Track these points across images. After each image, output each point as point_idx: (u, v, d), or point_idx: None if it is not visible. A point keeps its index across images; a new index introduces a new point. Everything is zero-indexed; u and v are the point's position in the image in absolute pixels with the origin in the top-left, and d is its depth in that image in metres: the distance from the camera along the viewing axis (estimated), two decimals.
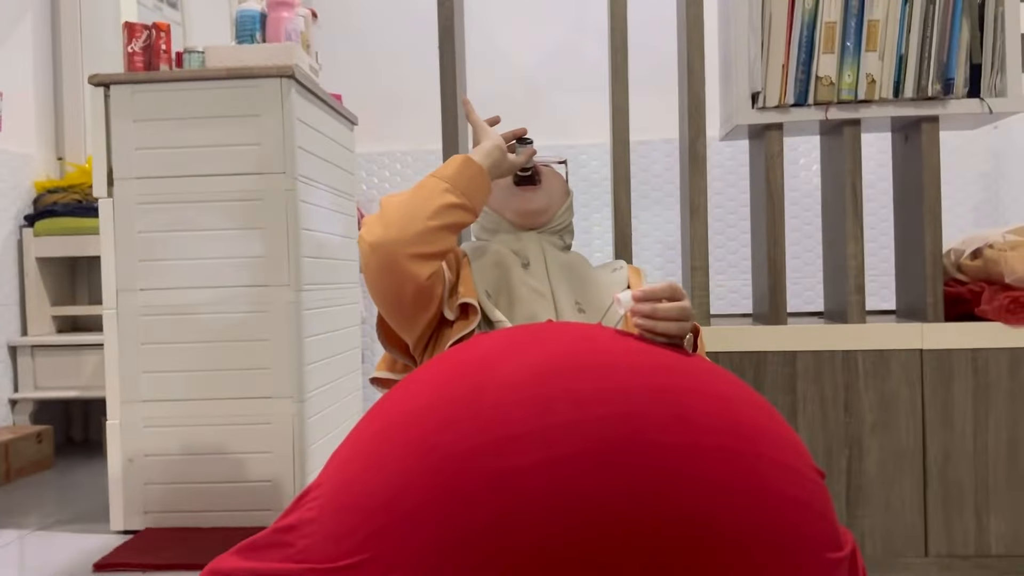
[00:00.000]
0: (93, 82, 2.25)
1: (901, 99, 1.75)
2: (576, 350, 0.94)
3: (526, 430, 0.83)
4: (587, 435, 0.81)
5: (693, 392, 0.90)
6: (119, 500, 2.25)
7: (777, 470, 0.88)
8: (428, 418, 0.89)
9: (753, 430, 0.90)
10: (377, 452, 0.90)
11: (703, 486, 0.80)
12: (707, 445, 0.84)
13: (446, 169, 1.28)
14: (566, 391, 0.86)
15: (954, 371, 1.66)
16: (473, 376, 0.92)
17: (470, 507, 0.79)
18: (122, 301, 2.25)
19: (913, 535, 1.66)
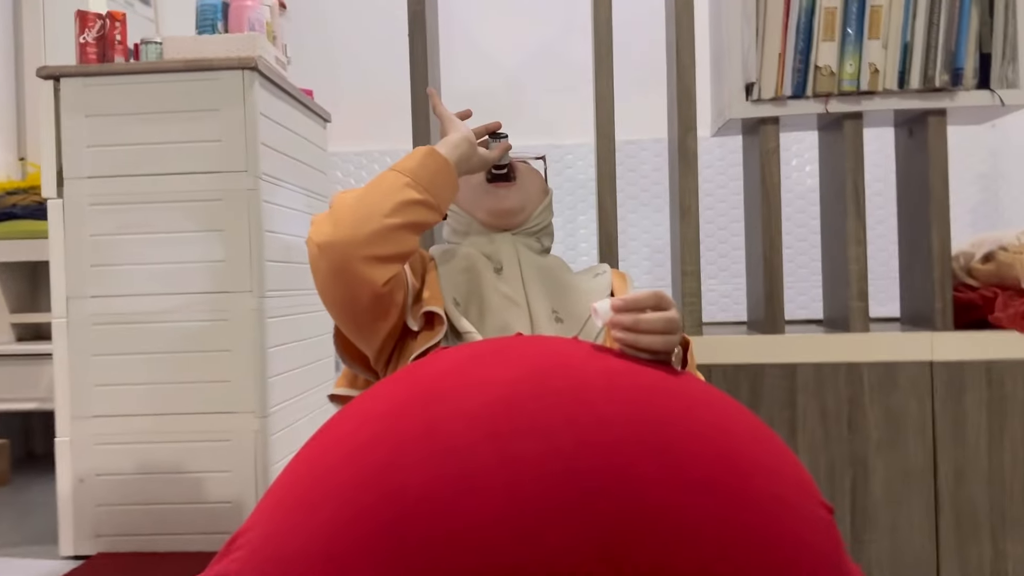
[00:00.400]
0: (41, 75, 2.10)
1: (906, 90, 1.62)
2: (545, 371, 0.81)
3: (484, 470, 0.69)
4: (554, 473, 0.68)
5: (679, 419, 0.77)
6: (69, 523, 2.09)
7: (776, 507, 0.74)
8: (369, 456, 0.75)
9: (749, 462, 0.76)
10: (308, 496, 0.76)
11: (689, 530, 0.67)
12: (692, 480, 0.70)
13: (407, 161, 1.14)
14: (532, 423, 0.73)
15: (966, 384, 1.53)
16: (424, 404, 0.78)
17: (415, 569, 0.65)
18: (72, 309, 2.09)
19: (923, 562, 1.52)
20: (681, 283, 1.67)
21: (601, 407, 0.75)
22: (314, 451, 0.84)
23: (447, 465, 0.70)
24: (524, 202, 1.31)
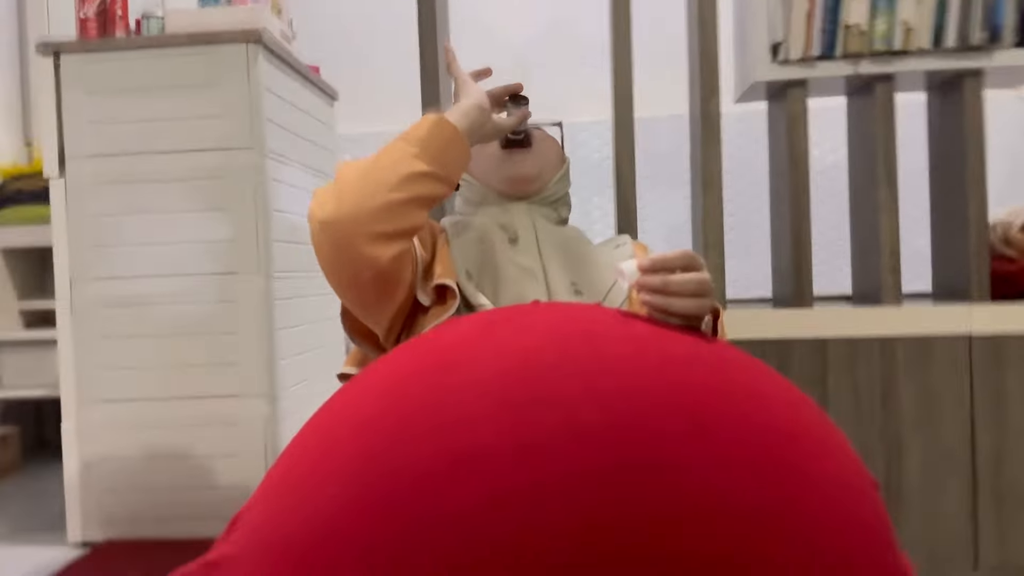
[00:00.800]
0: (41, 50, 2.04)
1: (941, 49, 1.54)
2: (564, 338, 0.74)
3: (496, 444, 0.62)
4: (573, 451, 0.61)
5: (715, 392, 0.70)
6: (76, 510, 2.05)
7: (821, 485, 0.68)
8: (374, 431, 0.69)
9: (792, 436, 0.70)
10: (309, 474, 0.70)
11: (727, 512, 0.60)
12: (732, 459, 0.64)
13: (416, 131, 1.06)
14: (550, 394, 0.66)
15: (1007, 359, 1.45)
16: (433, 375, 0.72)
17: (421, 550, 0.59)
18: (76, 292, 2.04)
19: (961, 545, 1.45)
20: (704, 256, 1.59)
21: (627, 377, 0.69)
22: (319, 427, 0.79)
23: (454, 438, 0.64)
24: (541, 169, 1.23)
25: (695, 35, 1.60)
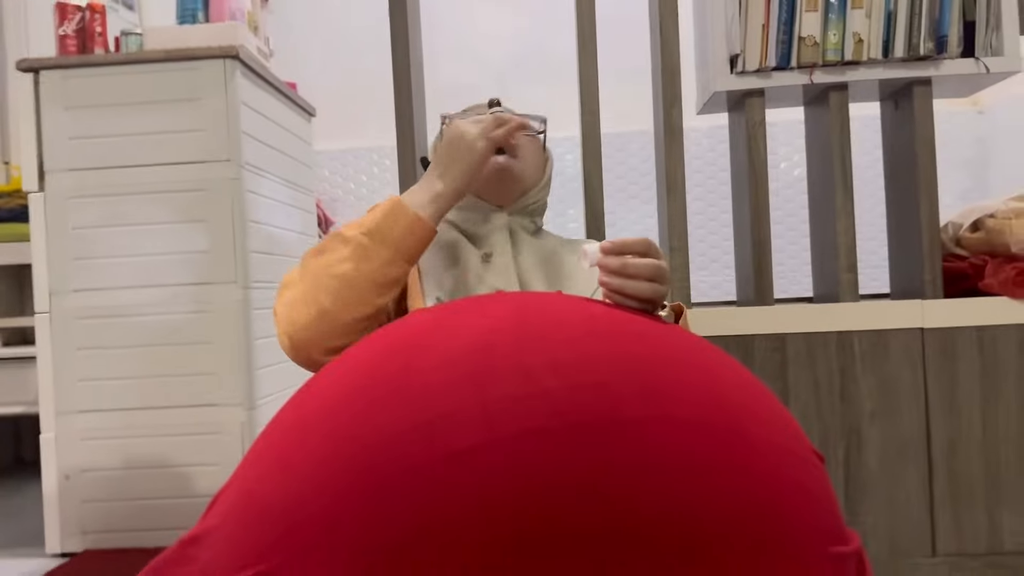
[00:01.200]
0: (21, 67, 2.08)
1: (891, 59, 1.62)
2: (524, 318, 0.79)
3: (461, 409, 0.67)
4: (535, 410, 0.66)
5: (666, 361, 0.75)
6: (55, 520, 2.06)
7: (767, 449, 0.72)
8: (346, 406, 0.73)
9: (738, 405, 0.74)
10: (286, 448, 0.74)
11: (678, 467, 0.65)
12: (683, 419, 0.68)
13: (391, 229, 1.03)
14: (510, 364, 0.71)
15: (958, 351, 1.51)
16: (401, 354, 0.76)
17: (392, 503, 0.63)
18: (55, 304, 2.07)
19: (919, 533, 1.51)
20: (669, 259, 1.65)
21: (584, 348, 0.74)
22: (292, 409, 0.83)
23: (421, 407, 0.68)
24: (522, 174, 1.20)
25: (657, 47, 1.67)
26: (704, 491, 0.66)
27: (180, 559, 0.80)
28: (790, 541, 0.68)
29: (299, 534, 0.67)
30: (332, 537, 0.65)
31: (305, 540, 0.66)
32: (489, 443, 0.64)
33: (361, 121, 3.49)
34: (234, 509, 0.76)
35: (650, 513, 0.63)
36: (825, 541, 0.72)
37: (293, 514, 0.68)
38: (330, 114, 3.27)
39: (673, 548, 0.62)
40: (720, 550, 0.64)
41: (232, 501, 0.77)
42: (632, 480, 0.64)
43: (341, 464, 0.68)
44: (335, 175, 3.51)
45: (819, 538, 0.72)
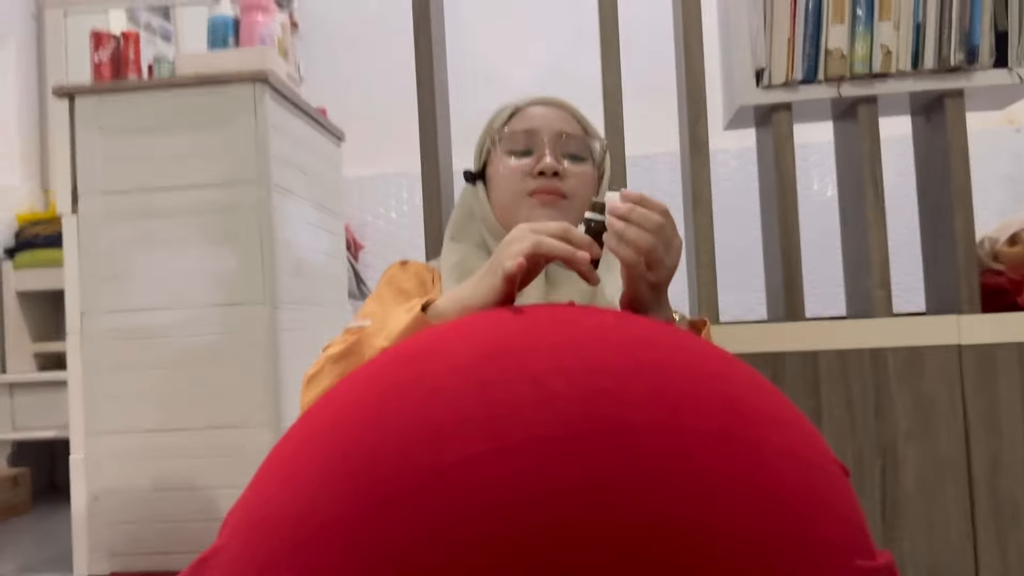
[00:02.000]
0: (57, 93, 2.13)
1: (921, 71, 1.59)
2: (536, 326, 0.77)
3: (468, 417, 0.65)
4: (544, 418, 0.64)
5: (681, 369, 0.72)
6: (83, 542, 2.07)
7: (787, 461, 0.69)
8: (355, 416, 0.72)
9: (756, 415, 0.71)
10: (293, 461, 0.73)
11: (692, 478, 0.62)
12: (697, 428, 0.66)
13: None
14: (520, 371, 0.69)
15: (999, 368, 1.46)
16: (412, 363, 0.75)
17: (397, 513, 0.61)
18: (87, 324, 2.09)
19: (961, 558, 1.45)
20: (696, 275, 1.62)
21: (595, 356, 0.72)
22: (302, 423, 0.82)
23: (431, 409, 0.67)
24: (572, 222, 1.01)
25: (681, 60, 1.66)
26: (719, 503, 0.63)
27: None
28: (811, 555, 0.65)
29: (307, 549, 0.66)
30: (341, 551, 0.63)
31: (313, 555, 0.65)
32: (497, 450, 0.63)
33: (390, 147, 3.52)
34: (241, 526, 0.75)
35: (661, 525, 0.61)
36: (849, 555, 0.68)
37: (300, 530, 0.67)
38: (359, 140, 3.30)
39: (685, 562, 0.60)
40: (736, 565, 0.61)
41: (240, 518, 0.76)
42: (642, 491, 0.62)
43: (348, 476, 0.67)
44: (364, 200, 3.53)
45: (842, 552, 0.68)
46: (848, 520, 0.71)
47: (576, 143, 1.11)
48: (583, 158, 1.11)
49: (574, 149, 1.11)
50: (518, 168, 1.09)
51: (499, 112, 1.19)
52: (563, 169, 1.08)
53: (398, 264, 1.19)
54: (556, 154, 1.08)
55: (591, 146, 1.13)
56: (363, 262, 3.47)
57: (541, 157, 1.08)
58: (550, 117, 1.13)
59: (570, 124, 1.13)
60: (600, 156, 1.14)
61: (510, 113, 1.17)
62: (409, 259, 1.20)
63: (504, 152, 1.12)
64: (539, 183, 1.07)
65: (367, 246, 3.52)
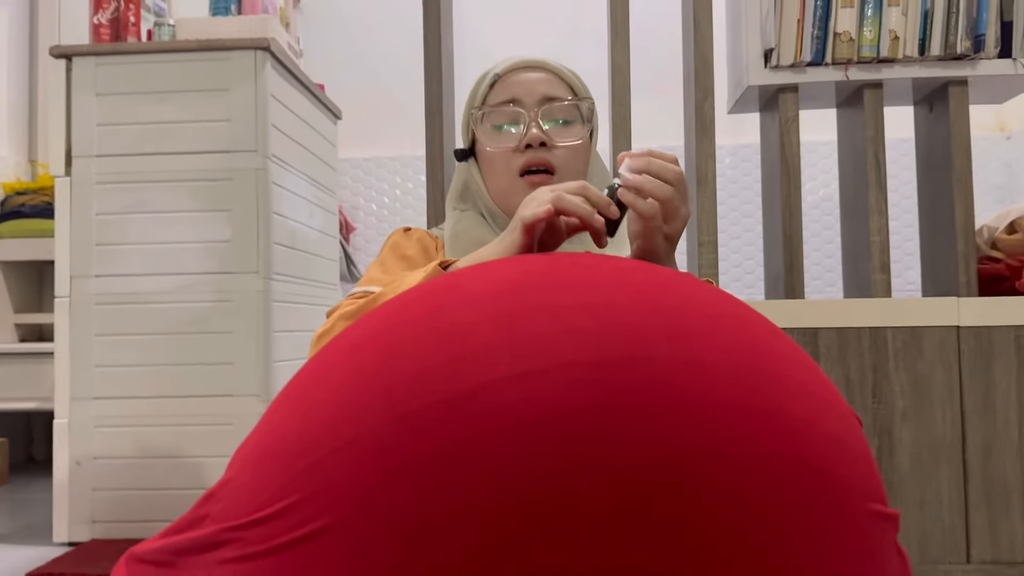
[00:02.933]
0: (54, 54, 2.09)
1: (927, 58, 1.60)
2: (556, 266, 0.76)
3: (489, 344, 0.64)
4: (565, 347, 0.63)
5: (698, 309, 0.72)
6: (64, 508, 2.03)
7: (804, 397, 0.68)
8: (373, 345, 0.70)
9: (772, 353, 0.71)
10: (307, 393, 0.71)
11: (712, 407, 0.61)
12: (714, 361, 0.65)
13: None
14: (540, 304, 0.68)
15: (995, 350, 1.47)
16: (430, 297, 0.74)
17: (417, 434, 0.60)
18: (75, 288, 2.06)
19: (953, 538, 1.45)
20: (698, 255, 1.63)
21: (614, 293, 0.71)
22: (317, 357, 0.80)
23: (450, 343, 0.66)
24: None
25: (690, 39, 1.66)
26: (734, 431, 0.62)
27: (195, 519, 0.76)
28: (826, 489, 0.64)
29: (320, 469, 0.64)
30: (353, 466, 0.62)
31: (326, 474, 0.63)
32: (518, 375, 0.62)
33: (385, 130, 3.50)
34: (251, 456, 0.73)
35: (675, 448, 0.60)
36: (864, 496, 0.68)
37: (314, 451, 0.65)
38: (355, 122, 3.29)
39: (696, 484, 0.59)
40: (748, 492, 0.60)
41: (250, 450, 0.74)
42: (658, 414, 0.61)
43: (365, 400, 0.66)
44: (357, 183, 3.51)
45: (858, 493, 0.68)
46: (864, 462, 0.71)
47: (562, 108, 1.07)
48: (571, 121, 1.08)
49: (561, 114, 1.07)
50: (506, 145, 1.07)
51: (479, 81, 1.15)
52: (550, 140, 1.05)
53: (401, 231, 1.17)
54: (540, 125, 1.05)
55: (579, 107, 1.09)
56: (353, 244, 3.45)
57: (527, 130, 1.05)
58: (532, 82, 1.09)
59: (555, 86, 1.09)
60: (588, 114, 1.10)
61: (491, 83, 1.12)
62: (412, 226, 1.19)
63: (489, 127, 1.10)
64: (528, 156, 1.05)
65: (358, 229, 3.50)
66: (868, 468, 0.71)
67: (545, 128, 1.05)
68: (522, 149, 1.05)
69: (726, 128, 2.99)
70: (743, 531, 0.58)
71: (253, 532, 0.61)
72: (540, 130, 1.05)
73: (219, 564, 0.63)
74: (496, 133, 1.08)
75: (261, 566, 0.59)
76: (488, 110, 1.10)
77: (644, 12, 2.86)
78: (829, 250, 3.34)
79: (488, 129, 1.10)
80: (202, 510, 0.75)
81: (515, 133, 1.06)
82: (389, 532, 0.57)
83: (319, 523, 0.59)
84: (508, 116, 1.08)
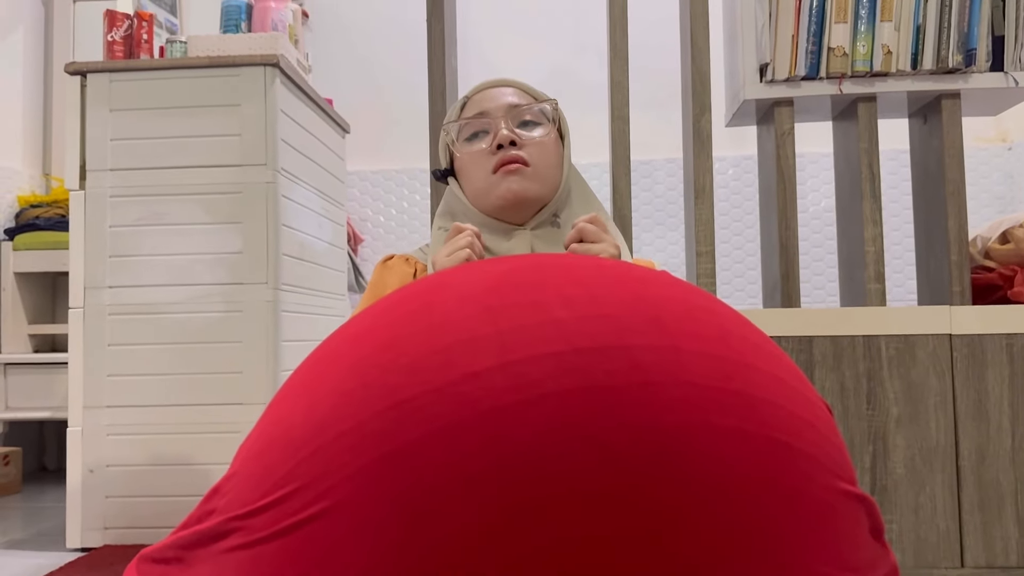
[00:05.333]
0: (69, 70, 2.15)
1: (920, 71, 1.63)
2: (538, 265, 0.81)
3: (479, 335, 0.68)
4: (549, 337, 0.67)
5: (674, 302, 0.76)
6: (77, 515, 2.07)
7: (772, 382, 0.72)
8: (368, 339, 0.75)
9: (742, 342, 0.75)
10: (307, 387, 0.75)
11: (685, 388, 0.65)
12: (690, 350, 0.69)
13: None
14: (524, 299, 0.72)
15: (987, 358, 1.50)
16: (422, 295, 0.79)
17: (413, 419, 0.64)
18: (89, 299, 2.11)
19: (947, 543, 1.48)
20: (696, 264, 1.66)
21: (594, 288, 0.75)
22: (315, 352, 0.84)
23: (441, 335, 0.70)
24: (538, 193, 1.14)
25: (687, 53, 1.70)
26: (707, 410, 0.66)
27: (201, 515, 0.80)
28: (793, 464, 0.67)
29: (322, 455, 0.68)
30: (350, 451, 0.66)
31: (329, 459, 0.67)
32: (502, 365, 0.66)
33: (392, 143, 3.55)
34: (255, 449, 0.77)
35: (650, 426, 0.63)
36: (831, 475, 0.71)
37: (316, 439, 0.69)
38: (363, 135, 3.34)
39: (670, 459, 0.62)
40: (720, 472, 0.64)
41: (252, 444, 0.78)
42: (635, 395, 0.65)
43: (363, 388, 0.70)
44: (365, 195, 3.57)
45: (824, 470, 0.70)
46: (830, 443, 0.74)
47: (526, 111, 1.16)
48: (537, 122, 1.17)
49: (526, 116, 1.16)
50: (480, 151, 1.15)
51: (452, 108, 1.25)
52: (520, 138, 1.13)
53: (380, 263, 1.23)
54: (510, 125, 1.14)
55: (542, 109, 1.18)
56: (361, 256, 3.50)
57: (496, 132, 1.13)
58: (497, 95, 1.19)
59: (517, 95, 1.19)
60: (553, 114, 1.20)
61: (461, 105, 1.23)
62: (393, 253, 1.24)
63: (464, 140, 1.18)
64: (500, 155, 1.12)
65: (366, 240, 3.55)
66: (836, 450, 0.75)
67: (515, 129, 1.14)
68: (494, 150, 1.13)
69: (728, 140, 3.03)
70: (716, 499, 0.62)
71: (257, 519, 0.64)
72: (509, 130, 1.13)
73: (224, 553, 0.66)
74: (470, 142, 1.18)
75: (265, 551, 0.63)
76: (462, 123, 1.19)
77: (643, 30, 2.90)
78: (831, 260, 3.37)
79: (463, 141, 1.19)
80: (208, 505, 0.79)
81: (487, 138, 1.15)
82: (391, 510, 0.61)
83: (322, 505, 0.62)
84: (479, 125, 1.17)
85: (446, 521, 0.61)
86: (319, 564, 0.64)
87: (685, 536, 0.61)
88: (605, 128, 1.72)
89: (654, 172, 3.49)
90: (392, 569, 0.62)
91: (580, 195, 1.23)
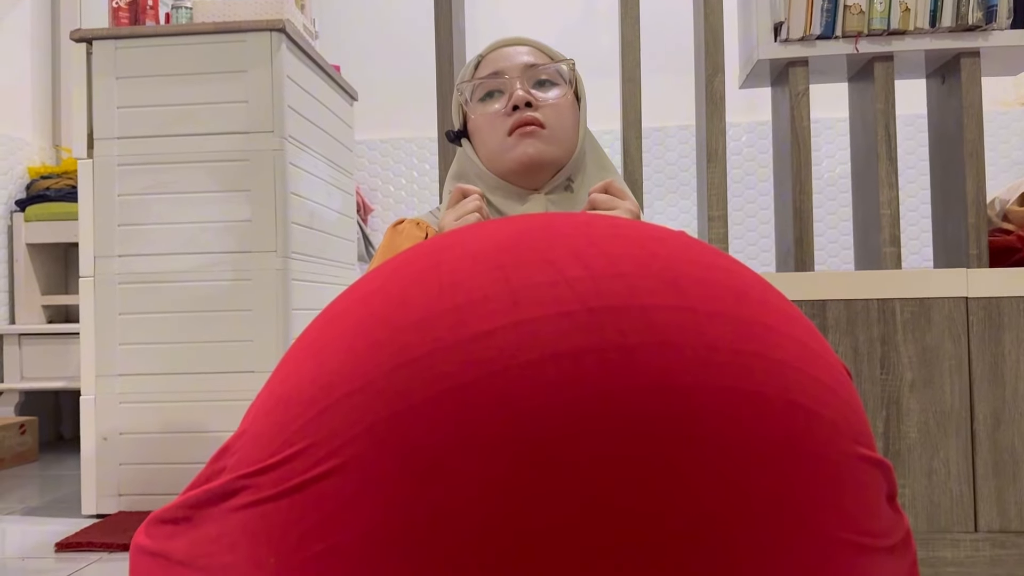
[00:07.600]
0: (74, 38, 2.13)
1: (938, 29, 1.59)
2: (551, 223, 0.79)
3: (490, 294, 0.67)
4: (559, 295, 0.65)
5: (690, 262, 0.74)
6: (92, 482, 2.09)
7: (791, 344, 0.70)
8: (377, 298, 0.73)
9: (762, 304, 0.73)
10: (316, 342, 0.74)
11: (703, 349, 0.63)
12: (707, 310, 0.67)
13: None
14: (536, 257, 0.71)
15: (1004, 321, 1.48)
16: (432, 253, 0.77)
17: (424, 378, 0.63)
18: (99, 268, 2.11)
19: (961, 508, 1.47)
20: (708, 229, 1.64)
21: (608, 246, 0.73)
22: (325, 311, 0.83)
23: (452, 294, 0.69)
24: (554, 156, 1.12)
25: (700, 14, 1.67)
26: (724, 370, 0.64)
27: (210, 474, 0.80)
28: (813, 429, 0.66)
29: (332, 413, 0.67)
30: (362, 412, 0.65)
31: (339, 417, 0.66)
32: (514, 324, 0.64)
33: (401, 112, 3.52)
34: (264, 407, 0.76)
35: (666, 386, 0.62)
36: (850, 440, 0.70)
37: (326, 396, 0.68)
38: (371, 104, 3.31)
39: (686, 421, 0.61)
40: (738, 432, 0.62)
41: (263, 401, 0.77)
42: (650, 354, 0.63)
43: (373, 347, 0.69)
44: (375, 164, 3.54)
45: (845, 435, 0.69)
46: (850, 407, 0.72)
47: (542, 71, 1.13)
48: (554, 83, 1.14)
49: (543, 76, 1.13)
50: (495, 112, 1.12)
51: (465, 67, 1.22)
52: (536, 99, 1.10)
53: (391, 228, 1.21)
54: (525, 86, 1.11)
55: (559, 70, 1.15)
56: (371, 226, 3.48)
57: (512, 93, 1.10)
58: (512, 54, 1.15)
59: (533, 55, 1.15)
60: (569, 75, 1.16)
61: (476, 63, 1.19)
62: (404, 217, 1.22)
63: (478, 101, 1.15)
64: (516, 117, 1.10)
65: (376, 210, 3.53)
66: (856, 414, 0.73)
67: (530, 90, 1.11)
68: (510, 112, 1.10)
69: (742, 106, 2.99)
70: (733, 463, 0.60)
71: (266, 477, 0.64)
72: (525, 91, 1.10)
73: (233, 511, 0.66)
74: (484, 103, 1.14)
75: (274, 509, 0.62)
76: (476, 82, 1.15)
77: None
78: (845, 228, 3.33)
79: (477, 101, 1.15)
80: (218, 464, 0.78)
81: (502, 98, 1.12)
82: (401, 469, 0.60)
83: (331, 464, 0.61)
84: (494, 85, 1.14)
85: (456, 480, 0.60)
86: (327, 522, 0.63)
87: (700, 499, 0.60)
88: (615, 95, 1.69)
89: (667, 139, 3.45)
90: (401, 528, 0.62)
91: (595, 160, 1.20)
